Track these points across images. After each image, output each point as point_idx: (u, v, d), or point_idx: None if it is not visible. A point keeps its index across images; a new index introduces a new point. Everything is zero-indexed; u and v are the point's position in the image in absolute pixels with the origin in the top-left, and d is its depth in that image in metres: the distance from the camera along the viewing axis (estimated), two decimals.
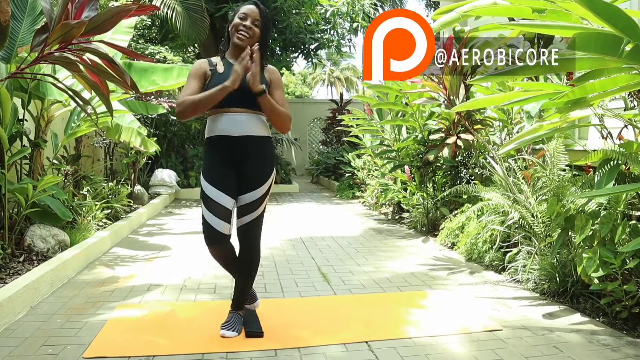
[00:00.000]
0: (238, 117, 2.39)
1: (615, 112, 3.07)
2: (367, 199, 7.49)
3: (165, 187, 8.04)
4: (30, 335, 2.51)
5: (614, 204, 2.82)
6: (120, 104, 5.11)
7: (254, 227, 2.47)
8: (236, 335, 2.49)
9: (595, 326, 2.61)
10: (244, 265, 2.52)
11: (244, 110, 2.40)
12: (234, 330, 2.50)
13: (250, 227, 2.46)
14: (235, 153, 2.41)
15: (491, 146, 4.05)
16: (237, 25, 2.40)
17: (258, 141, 2.43)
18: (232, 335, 2.48)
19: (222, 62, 2.48)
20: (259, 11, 2.41)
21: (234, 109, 2.39)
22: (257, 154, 2.44)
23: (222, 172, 2.42)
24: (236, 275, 2.58)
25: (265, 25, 2.44)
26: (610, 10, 2.04)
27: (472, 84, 4.27)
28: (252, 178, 2.43)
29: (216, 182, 2.40)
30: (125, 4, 4.29)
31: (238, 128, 2.39)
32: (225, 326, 2.52)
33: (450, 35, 4.52)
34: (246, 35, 2.38)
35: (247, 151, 2.42)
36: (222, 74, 2.40)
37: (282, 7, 9.28)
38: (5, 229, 3.53)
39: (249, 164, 2.43)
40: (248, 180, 2.43)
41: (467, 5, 2.73)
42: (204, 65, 2.47)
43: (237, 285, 2.58)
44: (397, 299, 3.13)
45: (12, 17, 3.66)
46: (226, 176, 2.42)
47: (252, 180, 2.43)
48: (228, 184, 2.41)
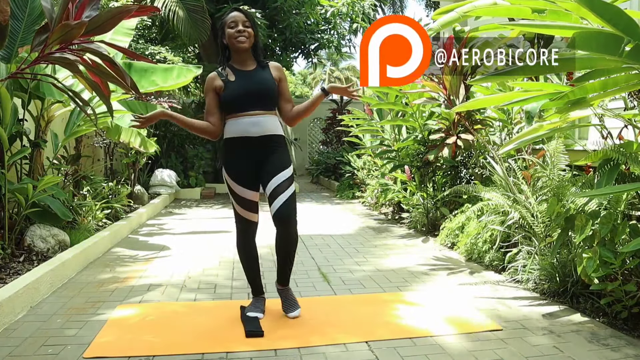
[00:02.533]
0: (257, 119, 2.60)
1: (615, 112, 3.07)
2: (367, 199, 7.49)
3: (165, 187, 8.05)
4: (30, 335, 2.51)
5: (614, 204, 2.81)
6: (120, 104, 5.11)
7: (287, 208, 2.59)
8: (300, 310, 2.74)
9: (595, 326, 2.61)
10: (282, 247, 2.68)
11: (262, 113, 2.61)
12: (298, 307, 2.75)
13: (285, 210, 2.58)
14: (256, 151, 2.63)
15: (491, 146, 4.05)
16: (232, 34, 2.60)
17: (275, 139, 2.66)
18: (298, 312, 2.73)
19: (231, 70, 2.67)
20: (243, 14, 2.63)
21: (253, 112, 2.60)
22: (276, 149, 2.66)
23: (244, 171, 2.66)
24: (277, 257, 2.74)
25: (253, 24, 2.65)
26: (611, 11, 2.04)
27: (472, 84, 4.27)
28: (274, 165, 2.63)
29: (240, 180, 2.66)
30: (126, 4, 4.29)
31: (258, 128, 2.59)
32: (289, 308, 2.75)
33: (450, 35, 4.52)
34: (244, 38, 2.59)
35: (266, 148, 2.63)
36: (234, 82, 2.62)
37: (282, 7, 9.28)
38: (5, 229, 3.53)
39: (270, 158, 2.64)
40: (271, 168, 2.63)
41: (467, 6, 2.73)
42: (214, 80, 2.66)
43: (279, 266, 2.76)
44: (397, 298, 3.13)
45: (12, 16, 3.67)
46: (248, 173, 2.66)
47: (274, 167, 2.63)
48: (250, 179, 2.66)
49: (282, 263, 2.74)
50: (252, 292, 2.86)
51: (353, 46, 15.51)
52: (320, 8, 9.48)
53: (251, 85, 2.61)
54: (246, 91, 2.61)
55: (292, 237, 2.64)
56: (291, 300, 2.78)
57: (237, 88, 2.60)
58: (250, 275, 2.82)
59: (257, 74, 2.65)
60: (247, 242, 2.78)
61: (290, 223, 2.60)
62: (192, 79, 5.33)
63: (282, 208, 2.57)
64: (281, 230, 2.62)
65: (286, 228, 2.61)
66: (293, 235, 2.64)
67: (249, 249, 2.79)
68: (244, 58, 2.66)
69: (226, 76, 2.64)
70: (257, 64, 2.68)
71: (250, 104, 2.60)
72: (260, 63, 2.69)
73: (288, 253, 2.70)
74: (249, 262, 2.80)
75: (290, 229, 2.62)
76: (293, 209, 2.61)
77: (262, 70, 2.67)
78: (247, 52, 2.65)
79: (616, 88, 2.46)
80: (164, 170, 8.23)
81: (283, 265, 2.74)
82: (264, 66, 2.69)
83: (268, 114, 2.63)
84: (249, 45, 2.61)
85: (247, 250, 2.79)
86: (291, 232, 2.63)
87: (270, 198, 2.61)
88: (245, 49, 2.62)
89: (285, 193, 2.58)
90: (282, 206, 2.57)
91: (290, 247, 2.68)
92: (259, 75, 2.65)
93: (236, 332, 2.55)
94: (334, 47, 10.53)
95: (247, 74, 2.65)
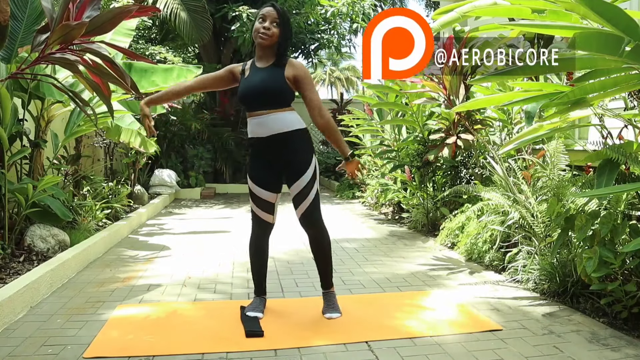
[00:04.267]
0: (261, 119, 2.58)
1: (615, 112, 3.07)
2: (367, 199, 7.49)
3: (165, 187, 8.04)
4: (30, 335, 2.51)
5: (614, 204, 2.81)
6: (120, 104, 5.11)
7: (312, 211, 2.64)
8: (339, 316, 2.73)
9: (595, 326, 2.60)
10: (317, 249, 2.74)
11: (264, 112, 2.57)
12: (336, 312, 2.75)
13: (310, 212, 2.64)
14: (270, 151, 2.62)
15: (491, 146, 4.05)
16: (257, 28, 2.57)
17: (288, 136, 2.59)
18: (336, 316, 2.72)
19: (251, 66, 2.67)
20: (276, 12, 2.57)
21: (256, 112, 2.59)
22: (291, 147, 2.60)
23: (262, 170, 2.68)
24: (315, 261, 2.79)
25: (284, 24, 2.59)
26: (611, 10, 2.04)
27: (472, 84, 4.27)
28: (294, 167, 2.61)
29: (257, 180, 2.68)
30: (127, 5, 4.29)
31: (264, 129, 2.58)
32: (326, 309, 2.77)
33: (450, 35, 4.52)
34: (265, 36, 2.55)
35: (280, 147, 2.60)
36: (247, 79, 2.63)
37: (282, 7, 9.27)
38: (5, 229, 3.53)
39: (287, 157, 2.61)
40: (291, 170, 2.62)
41: (467, 6, 2.73)
42: (237, 67, 2.73)
43: (319, 266, 2.79)
44: (397, 298, 3.13)
45: (12, 17, 3.67)
46: (266, 174, 2.67)
47: (294, 169, 2.61)
48: (269, 181, 2.67)
49: (317, 265, 2.80)
50: (254, 291, 2.88)
51: (353, 46, 15.55)
52: (320, 8, 9.48)
53: (255, 85, 2.58)
54: (249, 91, 2.59)
55: (318, 238, 2.71)
56: (331, 304, 2.79)
57: (245, 85, 2.61)
58: (256, 274, 2.83)
59: (267, 72, 2.58)
60: (258, 241, 2.79)
61: (315, 226, 2.68)
62: (192, 79, 5.33)
63: (306, 213, 2.64)
64: (308, 233, 2.71)
65: (312, 231, 2.70)
66: (318, 236, 2.71)
67: (260, 249, 2.80)
68: (264, 54, 2.61)
69: (243, 71, 2.67)
70: (274, 62, 2.60)
71: (255, 104, 2.58)
72: (278, 61, 2.60)
73: (319, 254, 2.75)
74: (258, 262, 2.81)
75: (316, 232, 2.70)
76: (316, 212, 2.66)
77: (275, 69, 2.59)
78: (269, 49, 2.59)
79: (616, 88, 2.46)
80: (164, 170, 8.23)
81: (319, 268, 2.79)
82: (280, 64, 2.59)
83: (274, 112, 2.56)
84: (268, 44, 2.56)
85: (257, 249, 2.80)
86: (317, 234, 2.70)
87: (294, 202, 2.66)
88: (265, 46, 2.57)
89: (307, 199, 2.62)
90: (305, 212, 2.64)
91: (320, 248, 2.74)
92: (268, 73, 2.58)
93: (236, 332, 2.55)
94: (334, 47, 10.52)
95: (258, 72, 2.61)
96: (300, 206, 2.63)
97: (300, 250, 4.51)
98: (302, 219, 2.66)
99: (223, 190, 9.78)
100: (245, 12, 8.57)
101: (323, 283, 2.83)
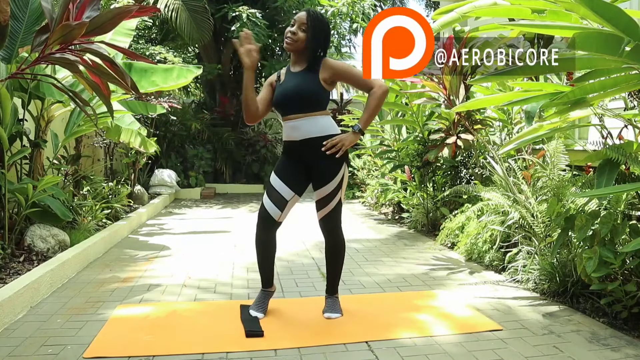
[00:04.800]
0: (295, 124, 2.60)
1: (615, 112, 3.07)
2: (367, 199, 7.49)
3: (165, 187, 8.04)
4: (30, 335, 2.51)
5: (614, 204, 2.82)
6: (120, 104, 5.12)
7: (333, 217, 2.69)
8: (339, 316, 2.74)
9: (595, 326, 2.61)
10: (331, 253, 2.77)
11: (299, 116, 2.59)
12: (337, 312, 2.76)
13: (330, 218, 2.68)
14: (303, 155, 2.64)
15: (491, 146, 4.05)
16: (286, 32, 2.61)
17: (321, 141, 2.58)
18: (335, 316, 2.74)
19: (286, 72, 2.70)
20: (306, 16, 2.58)
21: (290, 117, 2.61)
22: (323, 153, 2.58)
23: (288, 168, 2.68)
24: (326, 265, 2.83)
25: (314, 28, 2.57)
26: (611, 11, 2.04)
27: (472, 84, 4.27)
28: (323, 173, 2.62)
29: (280, 174, 2.67)
30: (127, 5, 4.29)
31: (298, 133, 2.60)
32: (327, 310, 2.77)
33: (450, 35, 4.52)
34: (289, 40, 2.58)
35: (313, 152, 2.60)
36: (282, 84, 2.66)
37: (282, 7, 9.28)
38: (5, 229, 3.53)
39: (320, 161, 2.61)
40: (321, 174, 2.63)
41: (467, 6, 2.73)
42: (272, 78, 2.75)
43: (329, 271, 2.82)
44: (397, 299, 3.13)
45: (12, 17, 3.67)
46: (293, 172, 2.67)
47: (323, 174, 2.62)
48: (292, 178, 2.66)
49: (327, 271, 2.83)
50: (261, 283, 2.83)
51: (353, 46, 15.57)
52: (320, 8, 9.49)
53: (289, 89, 2.60)
54: (283, 95, 2.62)
55: (333, 245, 2.76)
56: (333, 305, 2.80)
57: (280, 91, 2.63)
58: (261, 267, 2.78)
59: (301, 77, 2.60)
60: (262, 235, 2.71)
61: (332, 234, 2.73)
62: (192, 79, 5.33)
63: (324, 218, 2.69)
64: (325, 238, 2.76)
65: (329, 237, 2.74)
66: (333, 243, 2.75)
67: (261, 243, 2.73)
68: (297, 59, 2.64)
69: (279, 77, 2.69)
70: (307, 66, 2.61)
71: (290, 108, 2.60)
72: (311, 65, 2.60)
73: (332, 261, 2.79)
74: (261, 255, 2.75)
75: (332, 239, 2.74)
76: (335, 220, 2.71)
77: (308, 73, 2.59)
78: (300, 54, 2.61)
79: (616, 88, 2.46)
80: (164, 170, 8.23)
81: (328, 273, 2.83)
82: (314, 68, 2.59)
83: (307, 117, 2.57)
84: (293, 49, 2.59)
85: (261, 243, 2.73)
86: (333, 241, 2.75)
87: (317, 205, 2.69)
88: (290, 51, 2.62)
89: (328, 206, 2.65)
90: (324, 217, 2.69)
91: (333, 255, 2.77)
92: (300, 78, 2.60)
93: (236, 332, 2.55)
94: (334, 47, 10.52)
95: (293, 77, 2.63)
96: (321, 211, 2.68)
97: (300, 250, 4.51)
98: (321, 222, 2.72)
99: (223, 190, 9.78)
100: (245, 12, 8.57)
101: (329, 288, 2.84)
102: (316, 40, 2.58)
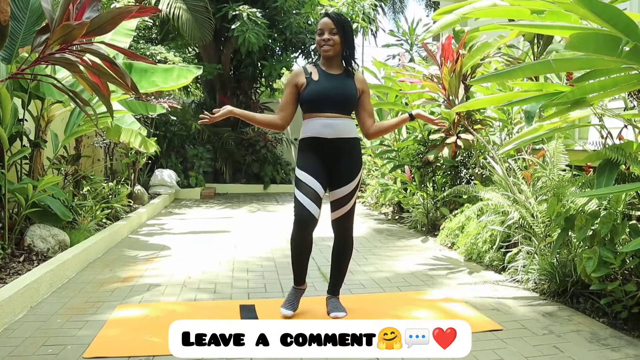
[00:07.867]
0: (332, 122, 2.62)
1: (615, 112, 3.07)
2: (367, 199, 7.49)
3: (165, 187, 8.05)
4: (30, 335, 2.51)
5: (614, 204, 2.82)
6: (120, 104, 5.11)
7: (347, 218, 2.73)
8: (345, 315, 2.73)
9: (595, 326, 2.61)
10: (340, 253, 2.81)
11: (338, 116, 2.64)
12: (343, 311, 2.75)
13: (344, 219, 2.72)
14: (328, 153, 2.65)
15: (491, 146, 4.05)
16: (319, 41, 2.66)
17: (349, 142, 2.67)
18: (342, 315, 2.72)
19: (317, 70, 2.70)
20: (331, 21, 2.63)
21: (329, 114, 2.63)
22: (349, 153, 2.68)
23: (315, 164, 2.67)
24: (332, 264, 2.85)
25: (343, 30, 2.63)
26: (610, 11, 2.04)
27: (472, 84, 4.27)
28: (344, 173, 2.67)
29: (309, 170, 2.65)
30: (127, 5, 4.29)
31: (332, 131, 2.62)
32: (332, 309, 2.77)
33: (449, 35, 4.52)
34: (329, 47, 2.62)
35: (339, 151, 2.66)
36: (318, 82, 2.65)
37: (282, 7, 9.27)
38: (5, 229, 3.53)
39: (341, 162, 2.67)
40: (340, 175, 2.67)
41: (467, 7, 2.74)
42: (298, 75, 2.72)
43: (333, 271, 2.84)
44: (397, 298, 3.13)
45: (13, 17, 3.67)
46: (319, 167, 2.66)
47: (344, 175, 2.67)
48: (321, 173, 2.66)
49: (333, 269, 2.84)
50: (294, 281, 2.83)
51: None
52: (321, 8, 9.49)
53: (333, 88, 2.64)
54: (327, 93, 2.64)
55: (343, 246, 2.79)
56: (336, 305, 2.81)
57: (319, 88, 2.63)
58: (295, 267, 2.78)
59: (341, 79, 2.67)
60: (303, 235, 2.67)
61: (344, 235, 2.77)
62: (192, 79, 5.32)
63: (339, 219, 2.72)
64: (336, 238, 2.79)
65: (340, 237, 2.78)
66: (343, 244, 2.78)
67: (301, 242, 2.70)
68: (331, 63, 2.69)
69: (310, 75, 2.68)
70: (344, 70, 2.70)
71: (328, 106, 2.62)
72: (348, 70, 2.70)
73: (339, 261, 2.82)
74: (298, 255, 2.75)
75: (343, 239, 2.78)
76: (349, 221, 2.75)
77: (347, 77, 2.69)
78: (335, 58, 2.68)
79: (616, 88, 2.46)
80: (164, 170, 8.23)
81: (333, 274, 2.84)
82: (350, 75, 2.70)
83: (343, 117, 2.65)
84: (333, 53, 2.64)
85: (298, 242, 2.70)
86: (343, 241, 2.78)
87: (333, 205, 2.72)
88: (331, 57, 2.65)
89: (344, 207, 2.69)
90: (339, 218, 2.72)
91: (341, 255, 2.80)
92: (342, 80, 2.67)
93: None
94: None
95: (331, 77, 2.67)
96: (337, 211, 2.71)
97: None
98: (334, 222, 2.75)
99: (223, 190, 9.79)
100: (245, 11, 8.57)
101: (332, 288, 2.85)
102: (349, 42, 2.66)
